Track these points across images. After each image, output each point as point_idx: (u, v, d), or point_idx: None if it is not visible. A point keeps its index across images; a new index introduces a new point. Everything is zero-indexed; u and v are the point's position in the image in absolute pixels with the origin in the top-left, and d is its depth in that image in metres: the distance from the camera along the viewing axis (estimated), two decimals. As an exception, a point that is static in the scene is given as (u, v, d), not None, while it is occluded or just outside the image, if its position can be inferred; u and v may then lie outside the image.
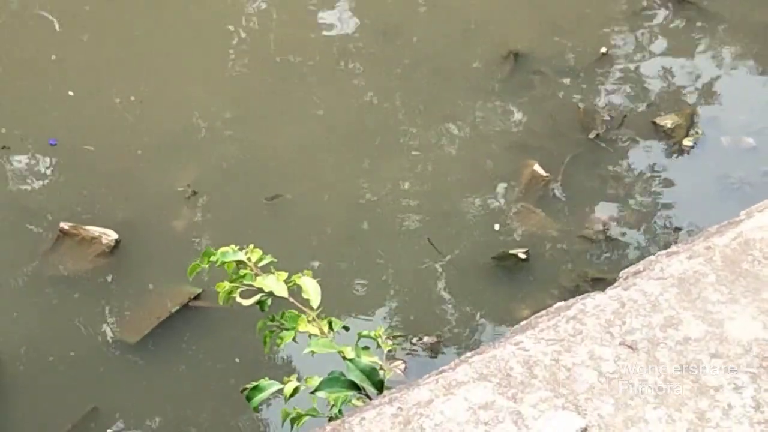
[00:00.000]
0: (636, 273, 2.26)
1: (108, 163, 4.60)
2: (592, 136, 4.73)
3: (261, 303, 2.40)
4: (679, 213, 4.44)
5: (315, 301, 2.37)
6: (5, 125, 4.78)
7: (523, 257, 4.19)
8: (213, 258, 2.36)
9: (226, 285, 2.38)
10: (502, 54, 5.11)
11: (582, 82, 5.02)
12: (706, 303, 2.12)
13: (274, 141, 4.74)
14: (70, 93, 4.95)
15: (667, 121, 4.78)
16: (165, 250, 4.26)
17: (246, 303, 2.38)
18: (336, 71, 5.11)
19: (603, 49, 5.19)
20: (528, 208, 4.43)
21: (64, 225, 4.25)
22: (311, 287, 2.36)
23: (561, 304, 2.22)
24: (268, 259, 2.39)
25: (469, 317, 4.07)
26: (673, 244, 3.10)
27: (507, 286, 4.14)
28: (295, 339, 2.44)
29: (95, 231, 4.24)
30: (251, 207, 4.43)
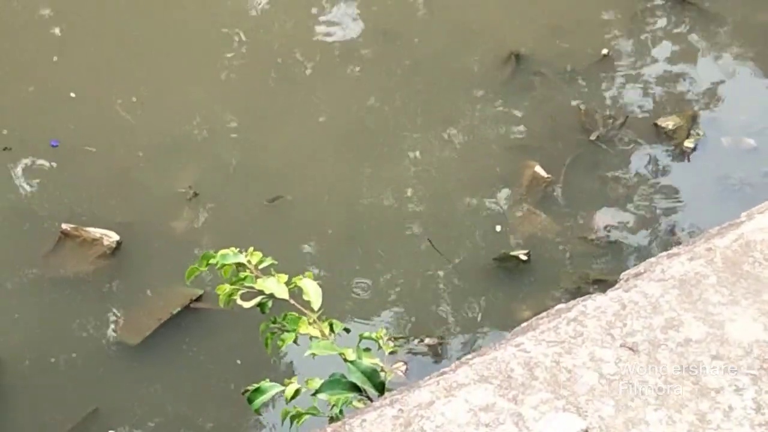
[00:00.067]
0: (637, 275, 2.26)
1: (109, 165, 4.60)
2: (593, 137, 4.73)
3: (262, 305, 2.40)
4: (680, 214, 4.44)
5: (316, 303, 2.37)
6: (6, 127, 4.79)
7: (524, 259, 4.19)
8: (213, 261, 2.37)
9: (226, 288, 2.38)
10: (503, 56, 5.11)
11: (583, 83, 5.02)
12: (707, 305, 2.11)
13: (274, 142, 4.75)
14: (71, 94, 4.95)
15: (669, 123, 4.78)
16: (166, 251, 4.26)
17: (247, 305, 2.38)
18: (337, 73, 5.12)
19: (604, 51, 5.18)
20: (529, 209, 4.43)
21: (65, 226, 4.25)
22: (312, 289, 2.36)
23: (562, 305, 2.22)
24: (268, 261, 2.39)
25: (470, 319, 4.07)
26: (674, 245, 3.10)
27: (508, 287, 4.14)
28: (297, 341, 2.45)
29: (96, 232, 4.24)
30: (252, 208, 4.44)
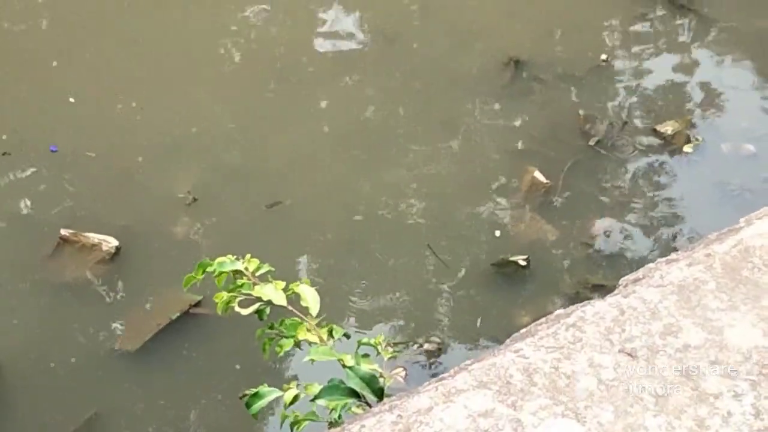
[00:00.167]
0: (635, 280, 2.25)
1: (108, 170, 4.61)
2: (592, 142, 4.73)
3: (260, 312, 2.40)
4: (679, 220, 4.44)
5: (314, 309, 2.37)
6: (6, 132, 4.79)
7: (524, 264, 4.19)
8: (210, 269, 2.37)
9: (224, 295, 2.38)
10: (502, 60, 5.11)
11: (582, 88, 5.02)
12: (705, 310, 2.11)
13: (274, 146, 4.75)
14: (70, 99, 4.96)
15: (668, 128, 4.78)
16: (165, 256, 4.26)
17: (245, 312, 2.38)
18: (336, 77, 5.12)
19: (603, 56, 5.19)
20: (528, 214, 4.43)
21: (64, 232, 4.25)
22: (310, 295, 2.36)
23: (560, 311, 2.21)
24: (265, 268, 2.39)
25: (469, 324, 4.06)
26: (673, 251, 3.10)
27: (507, 292, 4.13)
28: (300, 346, 2.44)
29: (95, 238, 4.24)
30: (251, 213, 4.44)
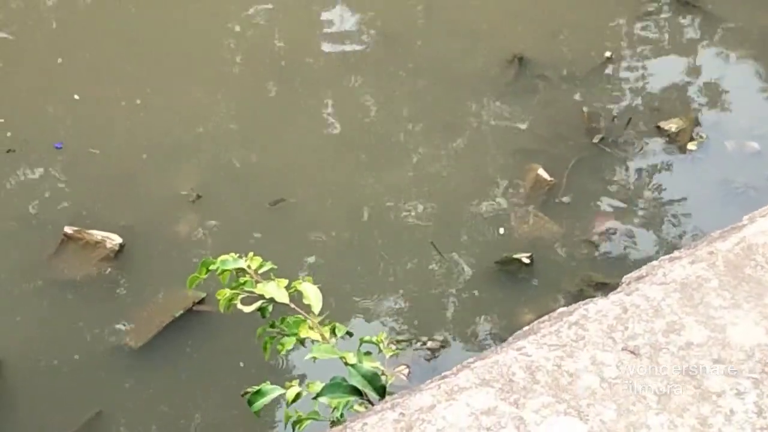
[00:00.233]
0: (639, 278, 2.25)
1: (113, 167, 4.61)
2: (596, 140, 4.72)
3: (262, 310, 2.40)
4: (683, 217, 4.43)
5: (316, 307, 2.37)
6: (11, 129, 4.80)
7: (527, 262, 4.19)
8: (213, 267, 2.36)
9: (226, 293, 2.38)
10: (506, 58, 5.11)
11: (586, 86, 5.02)
12: (708, 308, 2.11)
13: (277, 145, 4.75)
14: (75, 97, 4.96)
15: (672, 126, 4.77)
16: (169, 254, 4.26)
17: (247, 310, 2.38)
18: (340, 76, 5.12)
19: (607, 54, 5.18)
20: (532, 212, 4.43)
21: (68, 229, 4.25)
22: (312, 293, 2.36)
23: (563, 309, 2.21)
24: (268, 266, 2.39)
25: (473, 322, 4.06)
26: (677, 248, 3.09)
27: (510, 290, 4.13)
28: (304, 343, 2.44)
29: (99, 235, 4.24)
30: (255, 211, 4.44)
